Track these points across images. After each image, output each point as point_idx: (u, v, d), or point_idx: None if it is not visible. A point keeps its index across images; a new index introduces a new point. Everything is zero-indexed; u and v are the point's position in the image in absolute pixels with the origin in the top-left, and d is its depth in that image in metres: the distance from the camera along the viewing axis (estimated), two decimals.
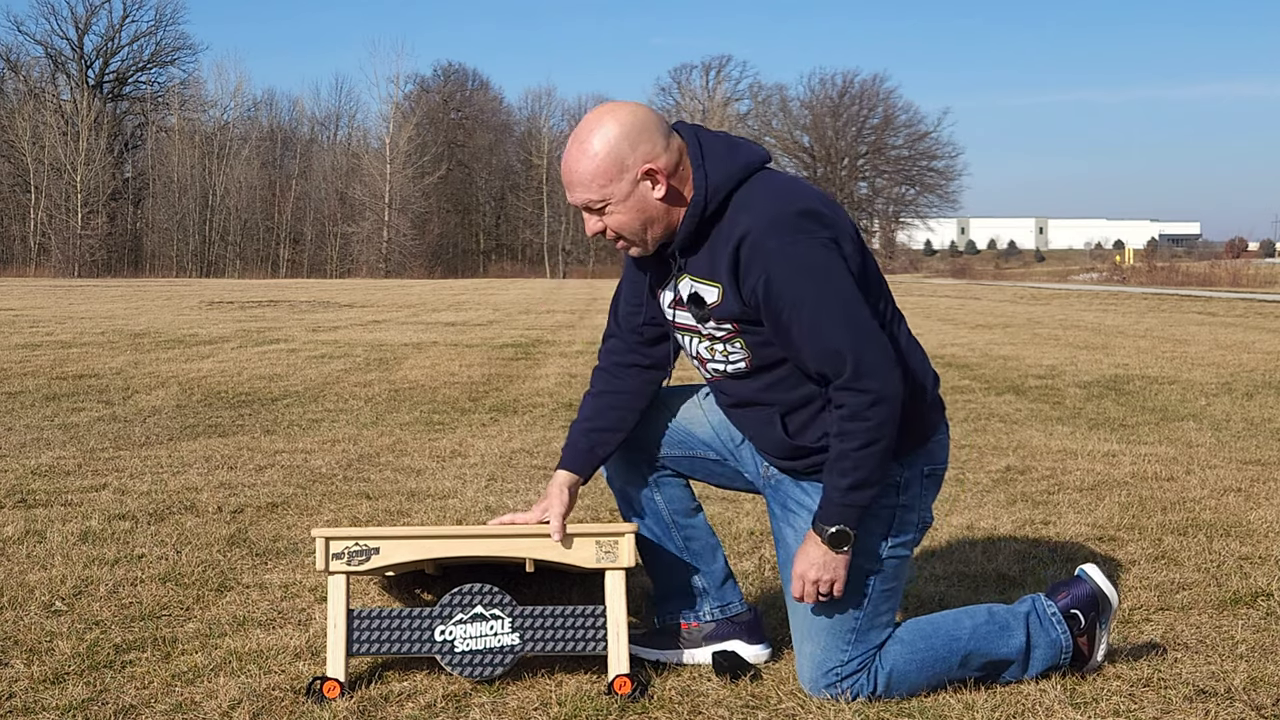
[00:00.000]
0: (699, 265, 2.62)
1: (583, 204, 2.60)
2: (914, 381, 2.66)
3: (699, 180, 2.58)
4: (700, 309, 2.63)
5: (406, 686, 2.74)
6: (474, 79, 79.83)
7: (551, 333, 15.98)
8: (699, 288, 2.62)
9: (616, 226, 2.60)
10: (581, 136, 2.56)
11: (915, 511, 2.71)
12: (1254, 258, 73.67)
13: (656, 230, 2.61)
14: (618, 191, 2.56)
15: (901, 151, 78.80)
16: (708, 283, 2.60)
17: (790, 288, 2.50)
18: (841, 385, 2.52)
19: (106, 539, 4.10)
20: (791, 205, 2.54)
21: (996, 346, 13.48)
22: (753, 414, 2.72)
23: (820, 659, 2.66)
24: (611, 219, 2.59)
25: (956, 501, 4.81)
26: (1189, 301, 27.57)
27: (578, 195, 2.59)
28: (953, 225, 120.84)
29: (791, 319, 2.52)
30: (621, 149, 2.54)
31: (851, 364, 2.50)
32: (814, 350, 2.53)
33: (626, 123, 2.54)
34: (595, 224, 2.62)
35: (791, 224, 2.52)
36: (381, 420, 7.28)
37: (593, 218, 2.61)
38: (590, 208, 2.59)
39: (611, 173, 2.55)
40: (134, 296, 28.01)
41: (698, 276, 2.62)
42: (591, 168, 2.55)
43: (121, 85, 70.81)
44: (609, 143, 2.54)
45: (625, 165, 2.54)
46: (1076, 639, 2.75)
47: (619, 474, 2.96)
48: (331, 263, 68.31)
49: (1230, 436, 6.68)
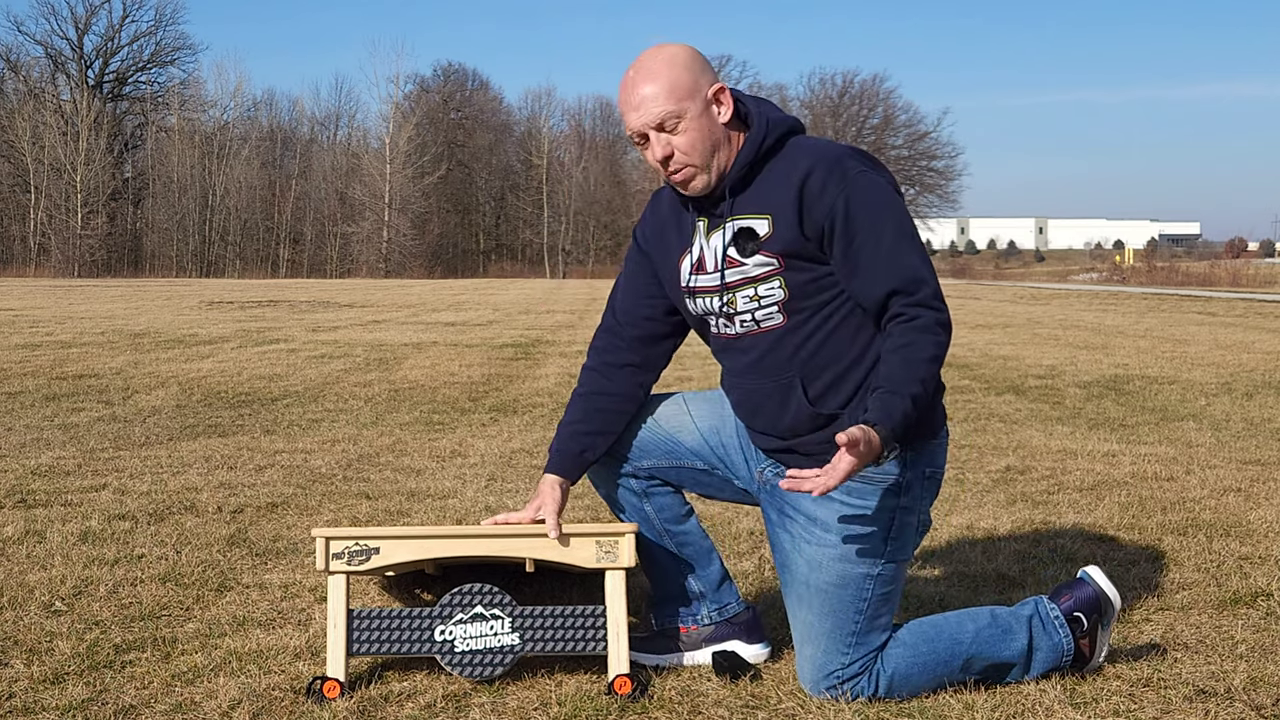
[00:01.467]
0: (746, 203, 2.62)
1: (656, 120, 2.56)
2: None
3: (759, 117, 2.62)
4: (751, 242, 2.60)
5: (406, 686, 2.74)
6: (474, 79, 79.91)
7: (551, 333, 15.98)
8: (748, 222, 2.61)
9: (687, 147, 2.57)
10: (647, 60, 2.58)
11: (915, 514, 2.69)
12: (1254, 258, 73.68)
13: (721, 157, 2.61)
14: (692, 108, 2.56)
15: (901, 151, 78.77)
16: (757, 216, 2.60)
17: (870, 211, 2.53)
18: (916, 302, 2.53)
19: (106, 539, 4.10)
20: (854, 149, 2.62)
21: (996, 346, 13.48)
22: (768, 386, 2.68)
23: (821, 661, 2.65)
24: (682, 138, 2.57)
25: (956, 501, 4.81)
26: (1189, 301, 27.57)
27: (649, 111, 2.55)
28: (953, 225, 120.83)
29: (868, 239, 2.53)
30: (694, 68, 2.58)
31: (930, 287, 2.54)
32: (893, 268, 2.53)
33: (690, 51, 2.60)
34: (664, 146, 2.58)
35: (862, 159, 2.58)
36: (381, 420, 7.28)
37: (661, 139, 2.58)
38: (663, 125, 2.56)
39: (688, 86, 2.56)
40: (134, 296, 28.01)
41: (745, 214, 2.62)
42: (669, 80, 2.55)
43: (121, 85, 70.83)
44: (681, 61, 2.57)
45: (698, 83, 2.58)
46: (1078, 641, 2.74)
47: (605, 484, 2.92)
48: (331, 263, 68.32)
49: (1230, 436, 6.68)
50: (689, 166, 2.59)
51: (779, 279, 2.60)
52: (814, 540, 2.65)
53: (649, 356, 2.87)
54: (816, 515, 2.65)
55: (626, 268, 2.91)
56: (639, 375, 2.86)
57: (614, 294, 2.91)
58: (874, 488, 2.63)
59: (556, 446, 2.85)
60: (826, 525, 2.64)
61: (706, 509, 4.51)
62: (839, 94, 77.87)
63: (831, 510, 2.64)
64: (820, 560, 2.64)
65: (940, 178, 78.32)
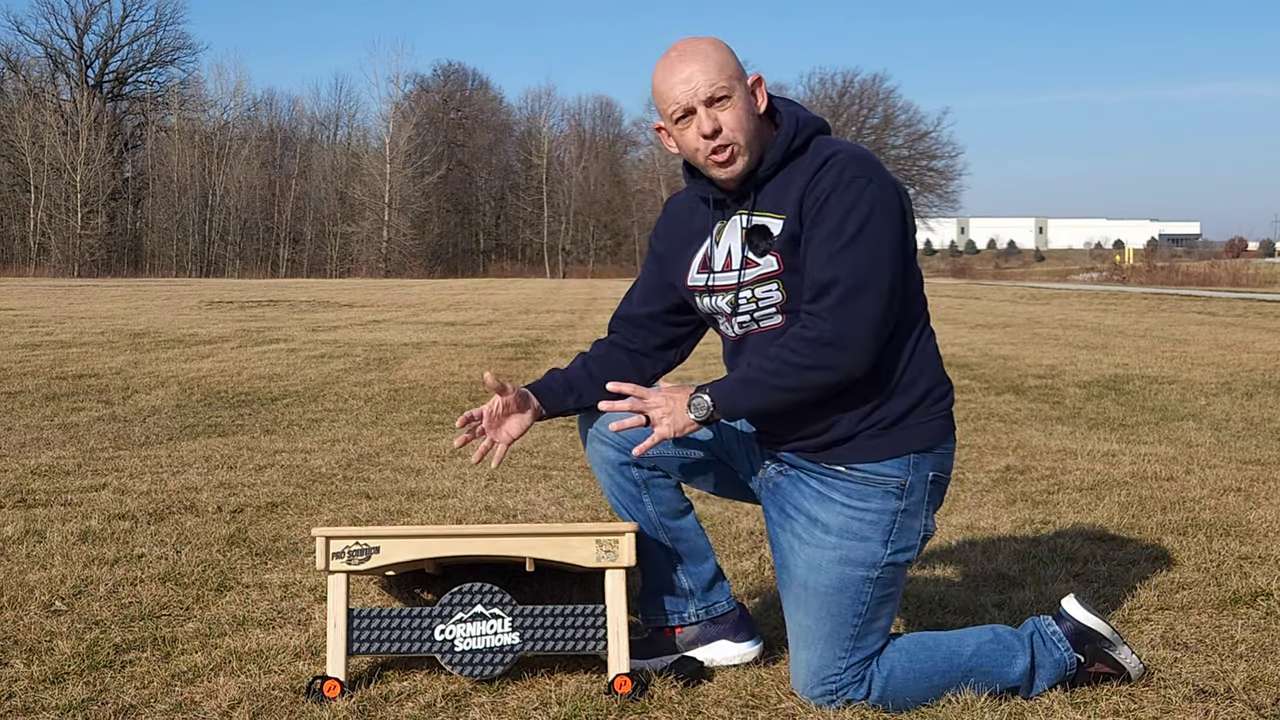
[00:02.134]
0: (766, 200, 2.63)
1: (707, 93, 2.55)
2: (923, 383, 2.64)
3: (789, 115, 2.63)
4: (765, 240, 2.61)
5: (406, 686, 2.74)
6: (474, 79, 79.87)
7: (551, 333, 15.98)
8: (764, 220, 2.62)
9: (734, 123, 2.57)
10: (689, 43, 2.61)
11: (918, 519, 2.66)
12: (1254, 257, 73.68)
13: (757, 145, 2.61)
14: (740, 88, 2.59)
15: (901, 151, 78.75)
16: (774, 215, 2.61)
17: (843, 209, 2.50)
18: (818, 309, 2.51)
19: (106, 539, 4.10)
20: (878, 161, 2.61)
21: (996, 346, 13.47)
22: None
23: (817, 666, 2.64)
24: (730, 114, 2.57)
25: (956, 501, 4.81)
26: (1189, 301, 27.57)
27: (700, 84, 2.55)
28: (953, 225, 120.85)
29: (825, 233, 2.51)
30: (735, 55, 2.62)
31: (839, 294, 2.49)
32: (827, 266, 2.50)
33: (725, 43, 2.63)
34: (711, 122, 2.57)
35: (877, 167, 2.57)
36: (381, 420, 7.28)
37: (709, 115, 2.57)
38: (713, 99, 2.56)
39: (736, 67, 2.61)
40: (134, 296, 28.00)
41: (764, 211, 2.62)
42: (718, 58, 2.58)
43: (121, 85, 70.81)
44: (725, 46, 2.62)
45: (741, 69, 2.62)
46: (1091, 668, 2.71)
47: (607, 473, 2.91)
48: (331, 262, 68.31)
49: (1230, 436, 6.68)
50: (734, 144, 2.59)
51: (777, 281, 2.60)
52: (814, 541, 2.64)
53: (660, 355, 2.91)
54: (817, 516, 2.65)
55: (643, 273, 2.94)
56: (649, 363, 2.91)
57: (630, 294, 2.95)
58: (876, 490, 2.62)
59: (545, 381, 2.89)
60: (826, 526, 2.63)
61: (707, 508, 4.51)
62: (839, 94, 77.86)
63: (832, 511, 2.63)
64: (819, 562, 2.63)
65: (940, 178, 78.33)
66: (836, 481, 2.64)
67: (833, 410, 2.61)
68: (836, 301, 2.50)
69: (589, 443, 2.92)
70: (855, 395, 2.60)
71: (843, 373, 2.52)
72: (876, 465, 2.62)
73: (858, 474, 2.63)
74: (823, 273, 2.51)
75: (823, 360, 2.51)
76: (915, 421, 2.63)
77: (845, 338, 2.50)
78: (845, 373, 2.52)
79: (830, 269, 2.50)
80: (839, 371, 2.52)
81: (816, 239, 2.52)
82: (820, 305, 2.52)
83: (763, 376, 2.55)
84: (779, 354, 2.55)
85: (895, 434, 2.62)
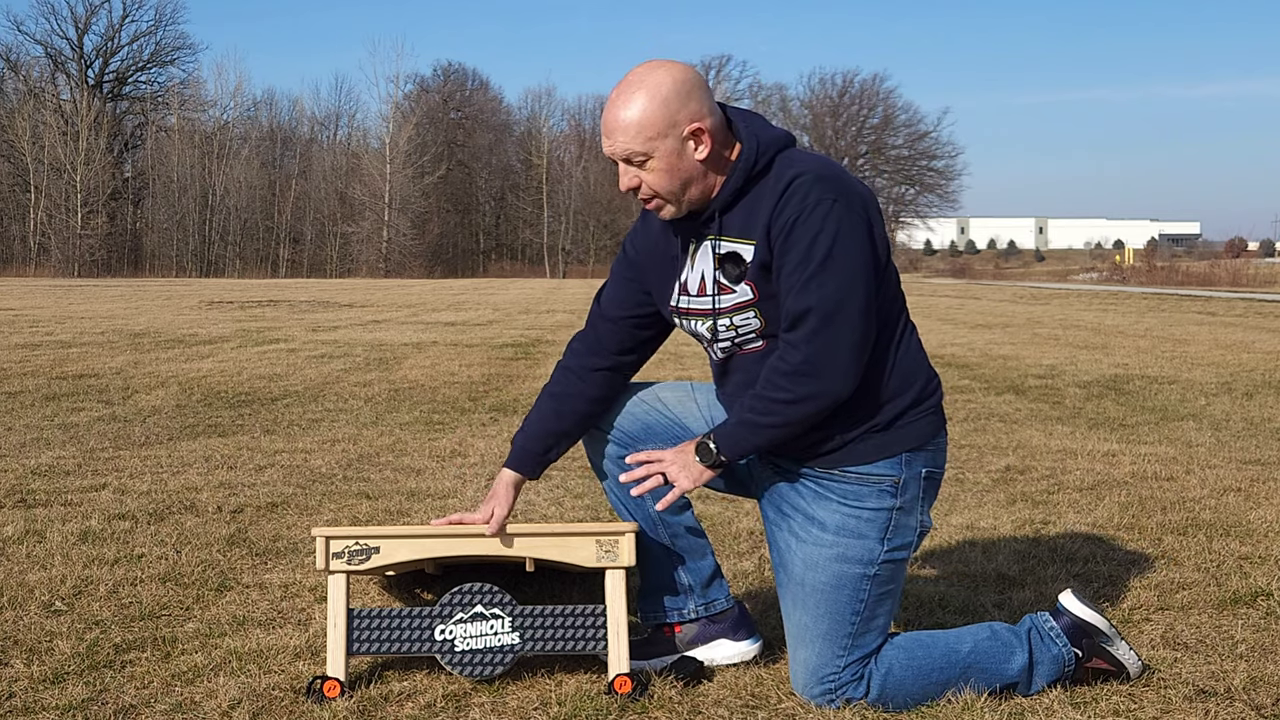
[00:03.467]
0: (733, 224, 2.59)
1: (623, 155, 2.55)
2: (911, 386, 2.64)
3: (749, 138, 2.57)
4: (738, 268, 2.58)
5: (406, 686, 2.74)
6: (474, 79, 79.95)
7: (551, 332, 15.98)
8: (735, 246, 2.59)
9: (654, 184, 2.55)
10: (631, 85, 2.52)
11: (913, 515, 2.67)
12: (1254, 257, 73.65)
13: (693, 192, 2.58)
14: (662, 147, 2.52)
15: (901, 151, 78.84)
16: (743, 241, 2.58)
17: (809, 234, 2.47)
18: (793, 339, 2.51)
19: (106, 539, 4.10)
20: (843, 174, 2.57)
21: (996, 346, 13.48)
22: None
23: (815, 664, 2.64)
24: (651, 175, 2.55)
25: (956, 501, 4.81)
26: (1189, 301, 27.57)
27: (618, 145, 2.53)
28: (952, 225, 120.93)
29: (794, 261, 2.48)
30: (672, 104, 2.50)
31: (814, 323, 2.48)
32: (800, 295, 2.48)
33: (679, 78, 2.52)
34: (630, 179, 2.56)
35: (842, 185, 2.52)
36: (381, 420, 7.28)
37: (629, 172, 2.56)
38: (631, 160, 2.55)
39: (660, 126, 2.51)
40: (134, 296, 28.01)
41: (732, 236, 2.59)
42: (639, 118, 2.50)
43: (121, 85, 70.84)
44: (661, 96, 2.50)
45: (674, 121, 2.52)
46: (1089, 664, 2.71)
47: (606, 470, 2.92)
48: (331, 262, 68.34)
49: (1230, 436, 6.68)
50: (656, 198, 2.59)
51: (754, 309, 2.59)
52: (810, 539, 2.64)
53: (625, 362, 2.88)
54: (814, 514, 2.65)
55: (613, 274, 2.89)
56: (613, 379, 2.87)
57: (599, 298, 2.91)
58: (871, 488, 2.63)
59: (521, 443, 2.85)
60: (823, 524, 2.64)
61: (706, 508, 4.51)
62: (839, 94, 77.91)
63: (829, 510, 2.64)
64: (816, 560, 2.63)
65: (940, 178, 78.42)
66: (832, 483, 2.65)
67: (825, 425, 2.61)
68: (811, 331, 2.49)
69: (588, 438, 2.92)
70: (845, 409, 2.60)
71: (828, 399, 2.52)
72: (869, 466, 2.62)
73: (853, 475, 2.63)
74: (796, 302, 2.49)
75: (805, 392, 2.51)
76: (905, 422, 2.63)
77: (824, 366, 2.50)
78: (831, 398, 2.52)
79: (803, 298, 2.48)
80: (824, 399, 2.52)
81: (787, 268, 2.51)
82: (796, 335, 2.51)
83: (753, 418, 2.57)
84: (763, 393, 2.55)
85: (887, 435, 2.63)
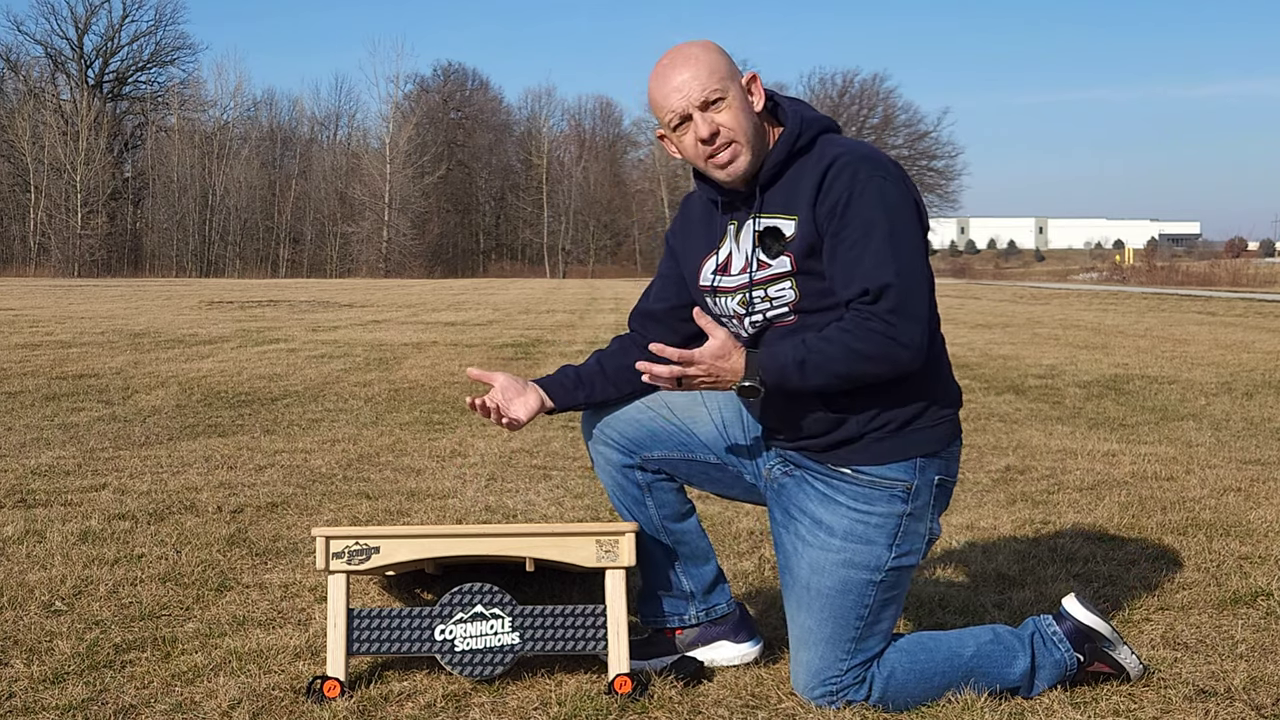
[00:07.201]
0: (775, 201, 2.61)
1: (700, 98, 2.56)
2: (934, 387, 2.64)
3: (793, 115, 2.62)
4: (778, 243, 2.59)
5: (406, 686, 2.74)
6: (474, 79, 79.91)
7: (551, 333, 15.98)
8: (776, 222, 2.60)
9: (732, 124, 2.57)
10: (681, 49, 2.62)
11: (923, 522, 2.66)
12: (1254, 257, 73.67)
13: (759, 142, 2.61)
14: (734, 88, 2.58)
15: (901, 151, 78.74)
16: (785, 216, 2.59)
17: (866, 210, 2.49)
18: (872, 313, 2.48)
19: (106, 539, 4.10)
20: (886, 156, 2.60)
21: (996, 346, 13.47)
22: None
23: (818, 667, 2.63)
24: (727, 114, 2.57)
25: (956, 501, 4.81)
26: (1189, 301, 27.57)
27: (694, 89, 2.55)
28: (953, 225, 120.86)
29: (853, 237, 2.49)
30: (726, 55, 2.63)
31: (893, 300, 2.48)
32: (867, 271, 2.47)
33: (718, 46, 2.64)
34: (708, 125, 2.57)
35: (888, 165, 2.56)
36: (381, 420, 7.28)
37: (705, 119, 2.57)
38: (707, 103, 2.56)
39: (728, 67, 2.60)
40: (134, 296, 28.00)
41: (773, 212, 2.61)
42: (709, 61, 2.57)
43: (121, 85, 70.83)
44: (715, 47, 2.62)
45: (735, 68, 2.62)
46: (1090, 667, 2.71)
47: (610, 475, 2.91)
48: (331, 262, 68.33)
49: (1230, 436, 6.68)
50: (734, 144, 2.58)
51: (790, 280, 2.59)
52: (817, 543, 2.64)
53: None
54: (822, 518, 2.64)
55: (660, 268, 2.93)
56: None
57: (648, 290, 2.94)
58: (881, 493, 2.62)
59: (557, 375, 2.87)
60: (831, 529, 2.63)
61: (707, 508, 4.51)
62: (839, 94, 77.85)
63: (837, 514, 2.63)
64: (823, 564, 2.63)
65: (940, 177, 78.34)
66: (842, 484, 2.64)
67: (842, 409, 2.60)
68: (895, 303, 2.48)
69: (592, 444, 2.92)
70: (866, 395, 2.58)
71: (899, 369, 2.52)
72: (882, 468, 2.61)
73: (864, 477, 2.62)
74: (871, 277, 2.48)
75: (888, 355, 2.49)
76: (922, 425, 2.62)
77: (908, 337, 2.50)
78: (901, 369, 2.52)
79: (879, 273, 2.47)
80: (897, 368, 2.52)
81: (847, 242, 2.50)
82: (879, 308, 2.49)
83: (821, 361, 2.50)
84: (843, 339, 2.50)
85: (902, 437, 2.62)
